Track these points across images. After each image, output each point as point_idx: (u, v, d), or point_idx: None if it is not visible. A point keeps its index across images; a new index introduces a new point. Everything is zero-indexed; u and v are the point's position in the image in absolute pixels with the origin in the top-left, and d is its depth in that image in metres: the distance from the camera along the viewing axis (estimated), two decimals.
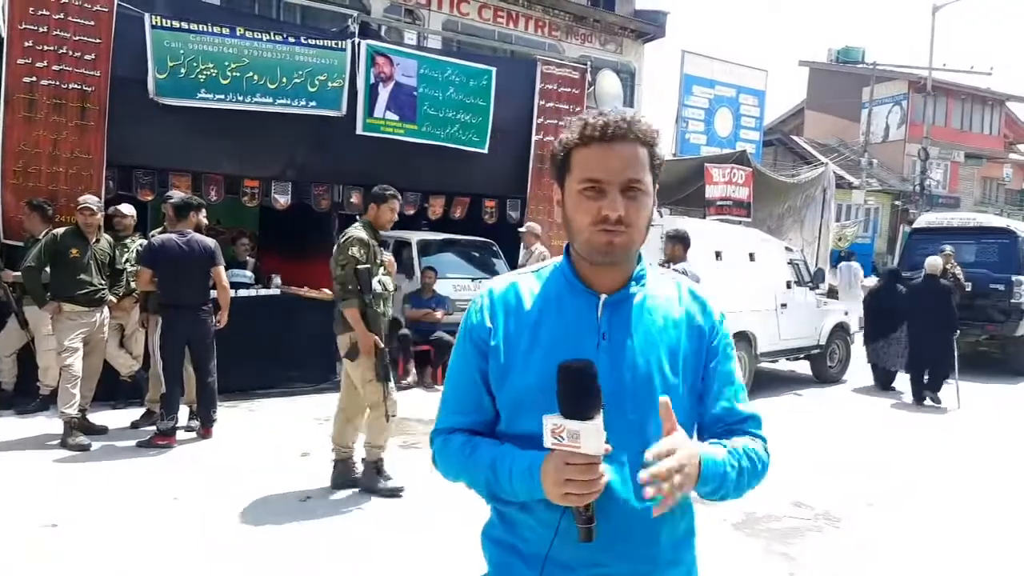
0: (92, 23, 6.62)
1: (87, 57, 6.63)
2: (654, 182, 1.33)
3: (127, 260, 6.09)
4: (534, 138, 9.24)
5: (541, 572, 1.28)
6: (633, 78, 18.12)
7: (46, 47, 6.47)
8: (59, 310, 5.28)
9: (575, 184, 1.29)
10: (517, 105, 9.09)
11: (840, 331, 9.47)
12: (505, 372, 1.32)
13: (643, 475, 1.11)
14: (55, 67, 6.51)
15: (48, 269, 5.34)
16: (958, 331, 8.38)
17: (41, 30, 6.43)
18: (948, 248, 9.82)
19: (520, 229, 8.64)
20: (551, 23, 16.62)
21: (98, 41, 6.66)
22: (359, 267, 4.42)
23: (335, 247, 4.66)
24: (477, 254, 9.41)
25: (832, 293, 13.16)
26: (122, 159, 6.89)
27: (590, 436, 1.12)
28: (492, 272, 9.15)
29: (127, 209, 6.27)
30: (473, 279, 8.90)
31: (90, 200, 5.59)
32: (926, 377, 8.35)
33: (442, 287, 8.32)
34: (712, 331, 1.39)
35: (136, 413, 5.90)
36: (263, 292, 7.42)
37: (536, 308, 1.34)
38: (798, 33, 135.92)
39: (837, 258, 16.32)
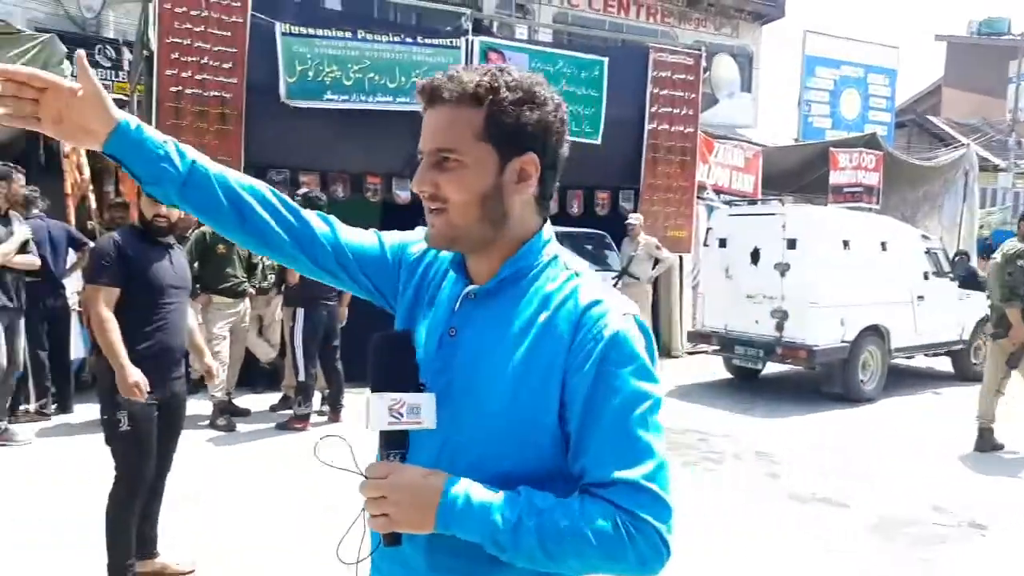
0: (229, 34, 7.10)
1: (225, 66, 7.11)
2: (502, 150, 1.05)
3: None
4: (647, 127, 9.09)
5: None
6: (751, 62, 17.43)
7: (189, 58, 7.00)
8: (209, 302, 5.73)
9: None
10: (629, 95, 8.97)
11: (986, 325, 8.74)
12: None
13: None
14: (197, 76, 7.03)
15: (197, 264, 5.79)
16: None
17: (185, 43, 6.96)
18: None
19: (629, 221, 8.53)
20: (663, 9, 16.26)
21: (234, 51, 7.13)
22: None
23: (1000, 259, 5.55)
24: (590, 246, 9.36)
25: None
26: (257, 159, 7.36)
27: (431, 409, 1.02)
28: (605, 264, 9.08)
29: None
30: None
31: None
32: None
33: None
34: (580, 349, 1.03)
35: (274, 398, 6.31)
36: None
37: (436, 282, 1.20)
38: (933, 6, 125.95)
39: (983, 247, 15.05)
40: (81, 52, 1.14)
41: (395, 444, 1.03)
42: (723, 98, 10.10)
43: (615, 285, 8.54)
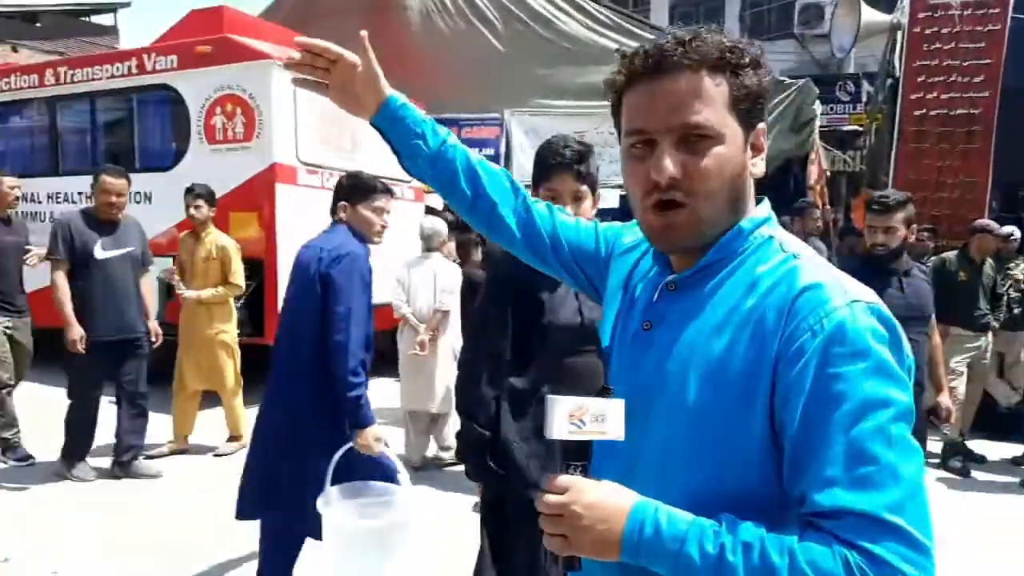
0: (982, 44, 6.58)
1: (976, 80, 6.62)
2: (746, 122, 0.93)
3: (1009, 285, 5.79)
4: None
5: None
6: None
7: (936, 78, 6.77)
8: (947, 332, 5.38)
9: (624, 141, 0.97)
10: None
11: None
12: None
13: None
14: (943, 96, 6.75)
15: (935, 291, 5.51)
16: None
17: (932, 63, 6.77)
18: None
19: None
20: None
21: (987, 61, 6.57)
22: None
23: None
24: None
25: None
26: (1008, 176, 6.60)
27: (618, 417, 0.90)
28: None
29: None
30: None
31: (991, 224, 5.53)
32: None
33: None
34: (792, 342, 0.84)
35: (1015, 448, 5.54)
36: None
37: (642, 273, 1.08)
38: None
39: None
40: (363, 33, 1.21)
41: (575, 455, 0.91)
42: None
43: None
